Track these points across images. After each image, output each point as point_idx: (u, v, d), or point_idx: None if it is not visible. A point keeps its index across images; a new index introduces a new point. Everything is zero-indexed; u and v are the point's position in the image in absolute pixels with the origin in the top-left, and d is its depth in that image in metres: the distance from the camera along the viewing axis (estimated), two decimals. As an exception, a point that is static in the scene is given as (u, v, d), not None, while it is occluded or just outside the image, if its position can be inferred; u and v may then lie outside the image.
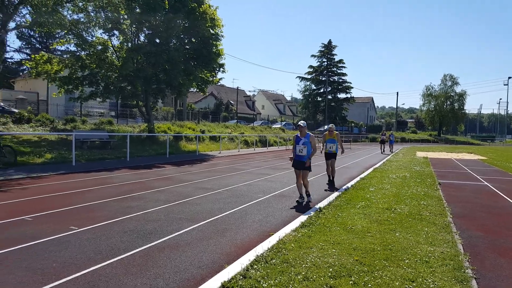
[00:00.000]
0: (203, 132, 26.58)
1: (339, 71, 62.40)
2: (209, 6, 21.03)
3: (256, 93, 73.30)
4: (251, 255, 4.14)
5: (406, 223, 5.74)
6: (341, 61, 61.86)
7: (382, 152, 25.71)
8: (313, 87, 62.92)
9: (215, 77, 23.35)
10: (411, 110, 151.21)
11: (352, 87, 62.51)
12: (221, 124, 34.16)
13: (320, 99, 62.29)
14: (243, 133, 30.88)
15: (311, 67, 62.33)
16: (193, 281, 3.50)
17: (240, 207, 6.76)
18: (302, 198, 7.49)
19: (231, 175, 11.44)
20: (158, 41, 19.57)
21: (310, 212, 6.41)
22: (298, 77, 63.22)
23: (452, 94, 67.90)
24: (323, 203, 7.28)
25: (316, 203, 7.37)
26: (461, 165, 17.25)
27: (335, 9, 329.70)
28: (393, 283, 3.47)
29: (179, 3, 19.26)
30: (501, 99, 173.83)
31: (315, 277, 3.54)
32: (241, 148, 25.65)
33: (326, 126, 38.63)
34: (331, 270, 3.72)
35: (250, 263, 3.86)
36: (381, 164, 16.32)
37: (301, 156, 7.29)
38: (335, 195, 8.21)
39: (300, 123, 7.34)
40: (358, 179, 10.99)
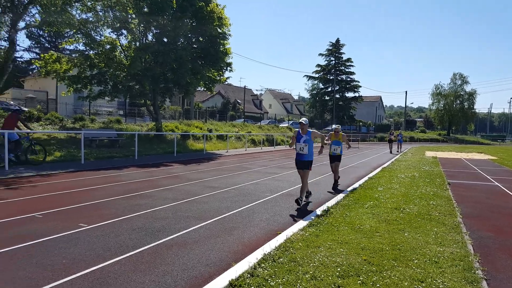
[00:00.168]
0: (210, 131, 26.64)
1: (347, 69, 62.12)
2: (217, 5, 21.04)
3: (263, 92, 73.25)
4: (258, 254, 4.14)
5: (415, 223, 5.69)
6: (349, 59, 61.56)
7: (390, 152, 25.41)
8: (321, 86, 62.70)
9: (222, 76, 23.35)
10: (420, 109, 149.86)
11: (360, 86, 62.25)
12: (228, 123, 34.21)
13: (328, 98, 62.03)
14: (250, 132, 30.89)
15: (318, 65, 62.12)
16: (201, 279, 3.51)
17: (247, 206, 6.76)
18: (308, 197, 7.42)
19: (238, 174, 11.45)
20: (165, 40, 19.63)
21: (316, 212, 6.38)
22: (305, 76, 63.11)
23: (461, 93, 67.22)
24: (331, 202, 7.24)
25: (322, 203, 7.34)
26: (471, 165, 17.04)
27: (343, 8, 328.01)
28: (402, 283, 3.44)
29: (186, 2, 19.30)
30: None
31: (323, 276, 3.53)
32: (248, 147, 25.66)
33: (333, 126, 38.34)
34: (339, 269, 3.70)
35: (257, 262, 3.86)
36: (390, 164, 16.20)
37: (302, 155, 7.00)
38: (342, 194, 8.18)
39: (301, 120, 7.00)
40: (366, 178, 10.93)
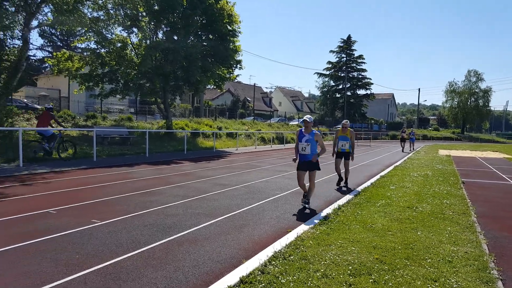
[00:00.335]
0: (220, 128, 26.70)
1: (358, 67, 61.48)
2: (227, 2, 21.03)
3: (273, 89, 73.08)
4: (269, 251, 4.13)
5: (428, 222, 5.62)
6: (360, 56, 60.93)
7: (402, 151, 24.86)
8: (332, 83, 62.21)
9: (232, 74, 23.38)
10: (433, 107, 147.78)
11: (372, 83, 61.54)
12: (238, 121, 34.25)
13: (339, 95, 61.56)
14: (260, 130, 30.88)
15: (329, 63, 61.64)
16: (211, 275, 3.52)
17: (257, 204, 6.75)
18: (308, 203, 6.61)
19: (248, 171, 11.45)
20: (176, 38, 19.71)
21: (329, 210, 6.34)
22: (316, 73, 62.72)
23: (476, 90, 65.97)
24: (342, 201, 7.20)
25: (332, 201, 7.28)
26: (486, 164, 16.74)
27: (355, 4, 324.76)
28: (415, 283, 3.40)
29: (197, -1, 19.35)
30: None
31: (334, 274, 3.50)
32: (258, 145, 25.66)
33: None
34: (350, 268, 3.67)
35: (268, 259, 3.85)
36: (402, 162, 16.02)
37: (305, 155, 6.49)
38: (354, 193, 8.12)
39: (305, 117, 6.50)
40: (378, 177, 10.82)
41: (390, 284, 3.35)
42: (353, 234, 4.84)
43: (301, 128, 6.62)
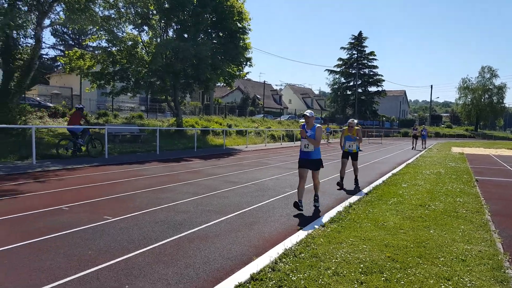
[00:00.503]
0: (230, 126, 26.75)
1: (370, 63, 60.81)
2: (236, -1, 21.02)
3: (283, 87, 72.89)
4: (279, 249, 4.12)
5: (441, 220, 5.53)
6: (372, 53, 60.24)
7: (413, 148, 24.49)
8: (343, 80, 61.68)
9: (242, 71, 23.37)
10: (446, 104, 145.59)
11: (384, 80, 60.84)
12: (247, 119, 34.26)
13: (350, 92, 61.01)
14: (269, 127, 30.84)
15: (340, 59, 61.11)
16: (222, 272, 3.52)
17: (267, 201, 6.74)
18: (302, 206, 5.97)
19: (258, 169, 11.45)
20: (186, 36, 19.79)
21: (339, 208, 6.30)
22: (326, 70, 62.21)
23: (490, 87, 64.78)
24: (353, 199, 7.14)
25: (343, 199, 7.23)
26: (500, 162, 16.43)
27: (366, 0, 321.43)
28: (427, 281, 3.35)
29: (207, -3, 19.37)
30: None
31: (345, 272, 3.48)
32: (267, 143, 25.63)
33: (355, 121, 37.58)
34: (362, 266, 3.64)
35: (278, 256, 3.84)
36: (414, 160, 15.82)
37: (308, 153, 6.04)
38: (365, 191, 8.05)
39: (306, 112, 6.01)
40: (389, 174, 10.70)
41: (402, 282, 3.31)
42: (365, 232, 4.80)
43: (303, 124, 6.12)
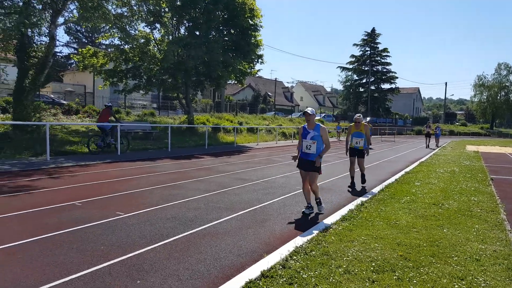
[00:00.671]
0: (241, 124, 26.77)
1: (383, 60, 60.08)
2: (248, -4, 20.93)
3: (294, 84, 72.54)
4: (290, 246, 4.11)
5: (455, 219, 5.44)
6: (385, 50, 59.49)
7: (427, 147, 24.02)
8: (355, 77, 61.10)
9: (253, 69, 23.30)
10: (461, 102, 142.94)
11: (397, 77, 60.05)
12: (258, 116, 34.23)
13: (362, 89, 60.40)
14: (281, 125, 30.76)
15: (353, 56, 60.52)
16: (233, 268, 3.53)
17: (278, 199, 6.73)
18: (311, 209, 5.79)
19: (269, 166, 11.43)
20: (197, 33, 19.82)
21: (351, 206, 6.26)
22: (339, 67, 61.79)
23: (507, 84, 63.41)
24: (365, 197, 7.07)
25: (355, 197, 7.17)
26: (516, 160, 16.07)
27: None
28: (440, 280, 3.30)
29: (219, -6, 19.35)
30: None
31: (356, 270, 3.45)
32: (279, 140, 25.58)
33: (368, 118, 37.04)
34: (373, 264, 3.61)
35: (289, 254, 3.83)
36: (428, 158, 15.59)
37: (308, 154, 5.65)
38: (377, 189, 7.97)
39: (307, 110, 5.62)
40: (402, 173, 10.56)
41: (415, 281, 3.27)
42: (377, 230, 4.75)
43: (304, 125, 5.79)
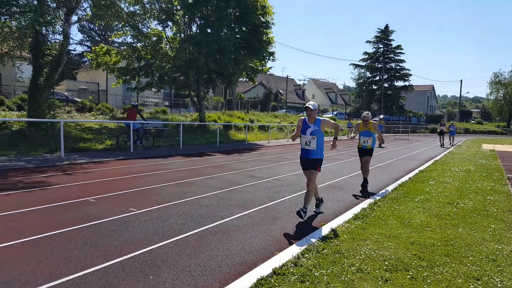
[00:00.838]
0: (252, 121, 26.77)
1: (396, 57, 59.10)
2: (260, -7, 20.85)
3: (306, 82, 72.14)
4: (302, 244, 4.09)
5: (470, 218, 5.34)
6: (398, 46, 58.54)
7: (441, 145, 23.52)
8: (368, 74, 60.25)
9: (264, 66, 23.22)
10: (477, 100, 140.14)
11: (411, 75, 58.96)
12: (270, 114, 34.18)
13: (376, 87, 59.58)
14: (292, 122, 30.64)
15: (366, 53, 59.70)
16: (244, 266, 3.53)
17: (289, 197, 6.70)
18: (318, 206, 5.71)
19: (280, 164, 11.40)
20: (209, 31, 19.85)
21: (364, 204, 6.19)
22: (351, 64, 60.97)
23: (525, 81, 61.76)
24: (378, 195, 6.99)
25: (365, 198, 7.09)
26: (533, 159, 15.68)
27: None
28: (455, 280, 3.24)
29: (230, -9, 19.33)
30: None
31: (369, 269, 3.41)
32: (290, 138, 25.47)
33: (381, 116, 36.51)
34: (386, 263, 3.56)
35: (301, 252, 3.81)
36: (442, 157, 15.33)
37: (308, 152, 5.28)
38: (390, 188, 7.87)
39: (309, 104, 5.17)
40: (416, 171, 10.40)
41: (429, 281, 3.22)
42: (390, 229, 4.69)
43: (304, 118, 5.39)
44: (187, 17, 19.98)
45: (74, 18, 15.74)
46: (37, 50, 14.11)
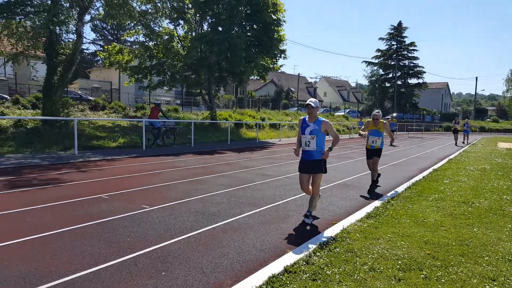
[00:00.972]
0: (263, 119, 26.74)
1: (410, 54, 58.20)
2: (271, -9, 20.77)
3: (318, 79, 71.68)
4: (313, 242, 4.06)
5: (486, 218, 5.23)
6: (412, 43, 57.64)
7: (455, 144, 23.04)
8: (381, 72, 59.48)
9: (276, 64, 23.14)
10: (493, 97, 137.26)
11: (425, 72, 58.08)
12: (281, 112, 34.08)
13: (389, 84, 58.81)
14: (303, 120, 30.48)
15: (378, 50, 58.97)
16: (255, 263, 3.52)
17: (301, 195, 6.66)
18: (310, 217, 4.97)
19: (291, 162, 11.36)
20: (220, 29, 19.88)
21: (377, 203, 6.13)
22: (364, 61, 60.30)
23: (541, 78, 60.27)
24: (391, 194, 6.91)
25: (378, 197, 7.01)
26: (552, 158, 15.29)
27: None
28: (470, 280, 3.18)
29: (242, -11, 19.30)
30: None
31: (382, 268, 3.37)
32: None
33: (394, 114, 35.93)
34: (399, 262, 3.51)
35: (313, 250, 3.79)
36: (457, 155, 15.07)
37: (309, 154, 4.93)
38: (404, 186, 7.78)
39: (310, 101, 4.82)
40: (430, 170, 10.25)
41: (443, 281, 3.16)
42: (403, 228, 4.63)
43: (304, 117, 5.05)
44: (198, 15, 20.05)
45: (87, 17, 15.96)
46: (51, 50, 14.33)
